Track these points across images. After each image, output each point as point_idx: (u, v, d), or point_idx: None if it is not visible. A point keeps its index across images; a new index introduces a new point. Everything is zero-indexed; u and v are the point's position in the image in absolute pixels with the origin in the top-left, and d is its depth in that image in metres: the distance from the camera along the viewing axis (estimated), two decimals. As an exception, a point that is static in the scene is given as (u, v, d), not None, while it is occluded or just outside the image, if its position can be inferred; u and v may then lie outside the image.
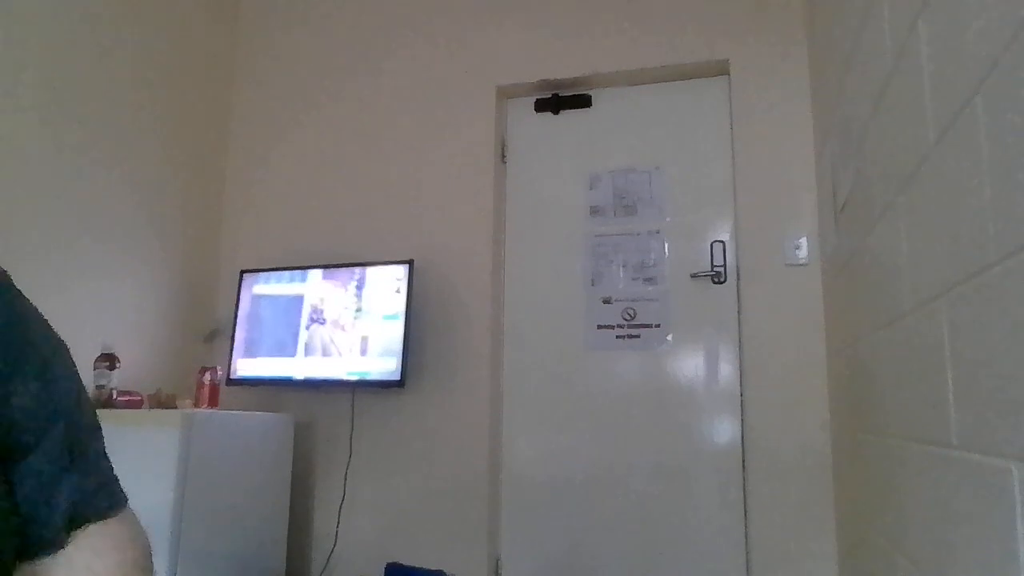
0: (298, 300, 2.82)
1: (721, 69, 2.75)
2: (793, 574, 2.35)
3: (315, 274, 2.83)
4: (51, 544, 0.59)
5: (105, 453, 0.66)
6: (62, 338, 0.66)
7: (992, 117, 0.87)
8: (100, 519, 0.62)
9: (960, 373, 1.01)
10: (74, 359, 0.67)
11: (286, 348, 2.78)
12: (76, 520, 0.60)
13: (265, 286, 2.89)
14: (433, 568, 2.52)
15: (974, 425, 0.96)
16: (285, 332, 2.80)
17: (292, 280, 2.86)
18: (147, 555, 0.65)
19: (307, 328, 2.77)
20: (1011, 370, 0.83)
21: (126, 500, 0.66)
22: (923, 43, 1.15)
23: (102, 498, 0.63)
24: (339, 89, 3.19)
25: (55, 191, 2.44)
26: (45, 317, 0.65)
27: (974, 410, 0.96)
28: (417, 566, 2.52)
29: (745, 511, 2.49)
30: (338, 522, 2.79)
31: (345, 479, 2.82)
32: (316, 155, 3.17)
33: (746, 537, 2.47)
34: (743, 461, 2.51)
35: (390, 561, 2.55)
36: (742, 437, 2.53)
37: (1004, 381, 0.85)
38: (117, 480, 0.66)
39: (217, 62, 3.28)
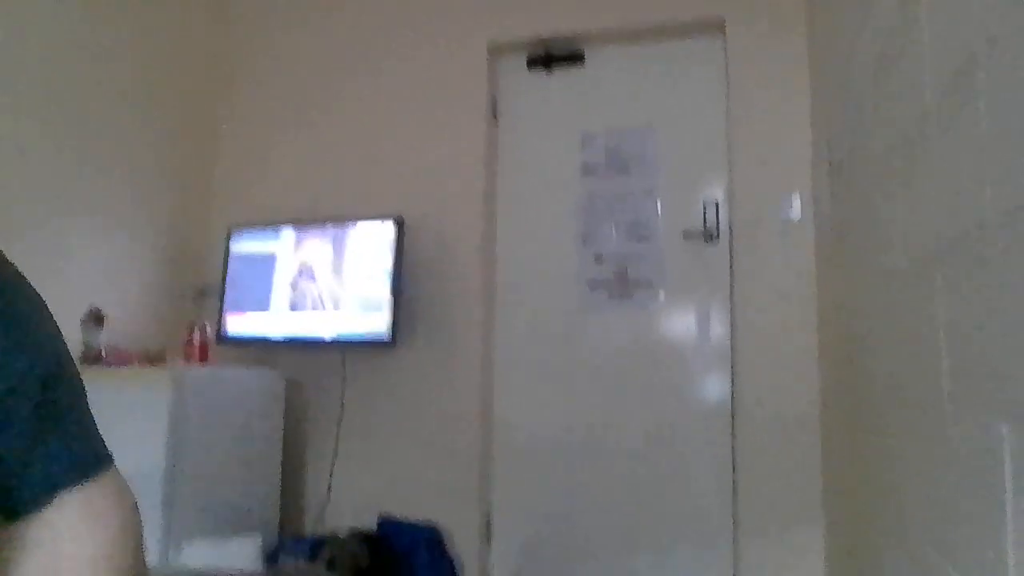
0: (288, 257, 2.80)
1: (717, 26, 2.70)
2: (780, 532, 2.40)
3: (305, 231, 2.81)
4: (32, 505, 0.58)
5: (89, 413, 0.65)
6: (46, 295, 0.64)
7: (994, 77, 0.86)
8: (84, 480, 0.60)
9: (953, 334, 1.02)
10: (61, 317, 0.65)
11: (276, 306, 2.77)
12: (58, 482, 0.59)
13: (255, 243, 2.86)
14: (425, 522, 2.55)
15: (965, 385, 0.97)
16: (275, 290, 2.78)
17: (282, 237, 2.83)
18: (135, 516, 0.64)
19: (298, 286, 2.76)
20: (1004, 332, 0.83)
21: (111, 460, 0.65)
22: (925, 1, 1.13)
23: (85, 459, 0.62)
24: (328, 46, 3.12)
25: (42, 150, 2.39)
26: (22, 273, 0.63)
27: (966, 370, 0.96)
28: (409, 519, 2.55)
29: (733, 469, 2.52)
30: (331, 478, 2.82)
31: (337, 436, 2.83)
32: (306, 112, 3.12)
33: (734, 495, 2.51)
34: (732, 420, 2.54)
35: (382, 514, 2.58)
36: (732, 396, 2.56)
37: (997, 342, 0.85)
38: (102, 440, 0.65)
39: (206, 18, 3.20)
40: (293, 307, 2.75)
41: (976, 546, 0.92)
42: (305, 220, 2.85)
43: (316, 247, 2.77)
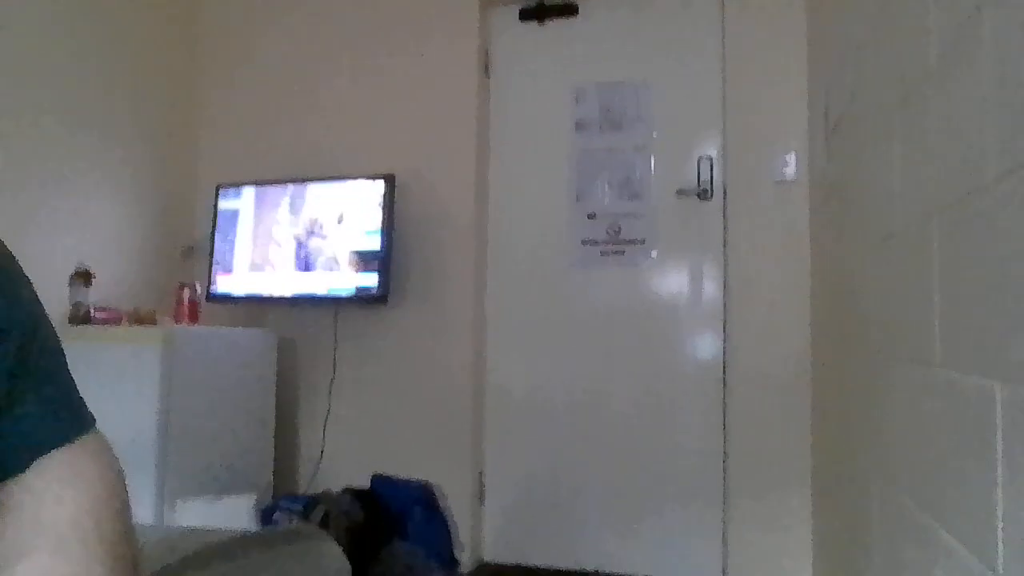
0: (278, 215, 2.76)
1: (714, -24, 2.63)
2: (769, 491, 2.42)
3: (295, 189, 2.77)
4: (11, 468, 0.56)
5: (69, 375, 0.63)
6: (33, 255, 0.62)
7: (998, 34, 0.83)
8: (65, 443, 0.59)
9: (947, 293, 1.01)
10: (48, 276, 0.63)
11: (266, 264, 2.75)
12: (38, 445, 0.57)
13: (243, 201, 2.82)
14: (418, 480, 2.57)
15: (958, 345, 0.96)
16: (265, 247, 2.76)
17: (271, 194, 2.79)
18: (120, 481, 0.62)
19: (288, 243, 2.73)
20: (999, 291, 0.82)
21: (93, 422, 0.63)
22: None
23: (65, 421, 0.60)
24: (316, 0, 3.04)
25: (25, 108, 2.34)
26: None
27: (959, 329, 0.95)
28: (403, 477, 2.56)
29: (724, 427, 2.54)
30: (324, 436, 2.83)
31: (330, 394, 2.84)
32: (293, 67, 3.05)
33: (724, 453, 2.53)
34: (724, 378, 2.55)
35: (376, 472, 2.60)
36: (724, 354, 2.56)
37: (991, 301, 0.84)
38: (83, 403, 0.63)
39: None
40: (283, 265, 2.72)
41: (966, 506, 0.92)
42: (295, 177, 2.81)
43: (307, 204, 2.73)
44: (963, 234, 0.95)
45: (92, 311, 2.36)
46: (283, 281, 2.72)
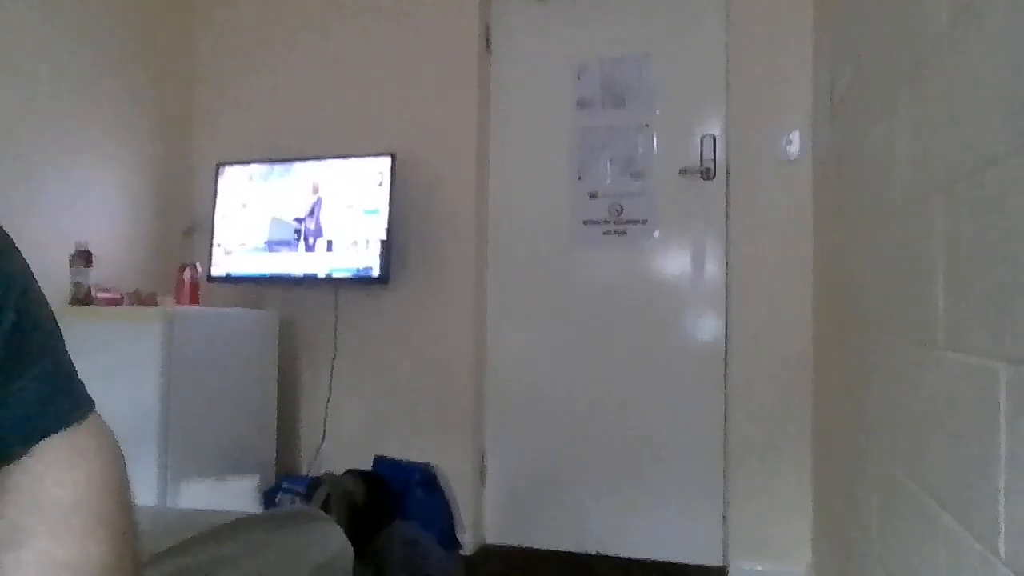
0: (279, 194, 2.75)
1: (718, -49, 2.60)
2: (769, 469, 2.43)
3: (295, 167, 2.75)
4: (11, 451, 0.56)
5: (67, 357, 0.63)
6: (33, 235, 0.61)
7: (1010, 8, 0.81)
8: (64, 426, 0.59)
9: (951, 273, 1.00)
10: (48, 256, 0.62)
11: (267, 244, 2.74)
12: (37, 427, 0.57)
13: (244, 180, 2.81)
14: (419, 462, 2.58)
15: (962, 325, 0.95)
16: (265, 227, 2.74)
17: (271, 173, 2.78)
18: (120, 463, 0.62)
19: (288, 223, 2.72)
20: (1004, 271, 0.81)
21: (92, 405, 0.63)
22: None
23: (61, 404, 0.60)
24: (313, -30, 3.00)
25: (25, 88, 2.32)
26: None
27: (963, 310, 0.95)
28: (404, 459, 2.57)
29: (725, 408, 2.54)
30: (325, 417, 2.84)
31: (331, 375, 2.84)
32: (292, 45, 3.02)
33: (725, 433, 2.54)
34: (726, 358, 2.55)
35: (377, 454, 2.60)
36: (725, 335, 2.55)
37: (996, 282, 0.83)
38: (81, 384, 0.63)
39: (181, -61, 3.07)
40: (285, 245, 2.71)
41: (968, 488, 0.92)
42: (296, 156, 2.79)
43: (308, 183, 2.72)
44: (968, 213, 0.94)
45: (93, 292, 2.36)
46: (284, 262, 2.71)
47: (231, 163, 2.84)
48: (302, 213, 2.71)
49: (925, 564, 1.10)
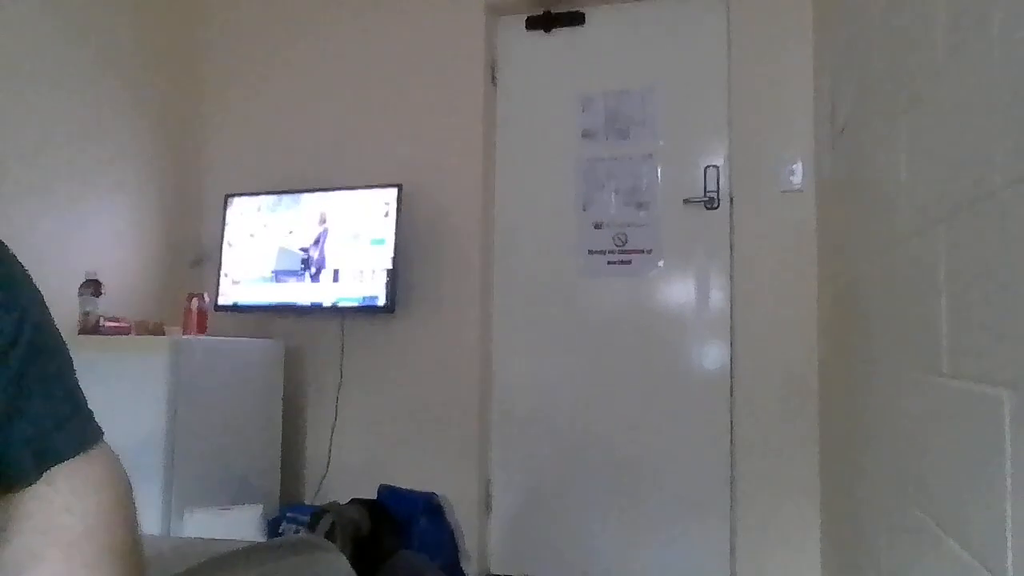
0: (286, 224, 2.78)
1: (719, -15, 2.64)
2: (777, 499, 2.41)
3: (303, 198, 2.78)
4: (24, 477, 0.57)
5: (78, 386, 0.64)
6: (44, 264, 0.63)
7: (1008, 34, 0.83)
8: (73, 455, 0.60)
9: (955, 300, 1.00)
10: (59, 286, 0.64)
11: (274, 274, 2.75)
12: (50, 455, 0.58)
13: (251, 210, 2.84)
14: (424, 491, 2.56)
15: (966, 352, 0.95)
16: (272, 257, 2.77)
17: (279, 204, 2.81)
18: (128, 493, 0.63)
19: (295, 253, 2.74)
20: (1007, 298, 0.81)
21: (101, 434, 0.64)
22: (934, -45, 1.09)
23: (72, 432, 0.61)
24: (323, 11, 3.06)
25: (37, 119, 2.36)
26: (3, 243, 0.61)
27: (966, 337, 0.95)
28: (409, 488, 2.56)
29: (731, 437, 2.52)
30: (330, 446, 2.83)
31: (336, 403, 2.84)
32: (300, 77, 3.07)
33: (731, 463, 2.52)
34: (731, 387, 2.54)
35: (382, 483, 2.59)
36: (731, 363, 2.55)
37: (999, 309, 0.84)
38: (91, 414, 0.64)
39: (193, -24, 3.14)
40: (292, 274, 2.73)
41: (975, 516, 0.91)
42: (302, 187, 2.82)
43: (315, 213, 2.74)
44: (970, 240, 0.94)
45: (102, 321, 2.37)
46: (290, 291, 2.72)
47: (239, 194, 2.87)
48: (309, 243, 2.73)
49: (934, 594, 1.08)
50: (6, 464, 0.57)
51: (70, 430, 0.60)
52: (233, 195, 2.88)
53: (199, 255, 3.05)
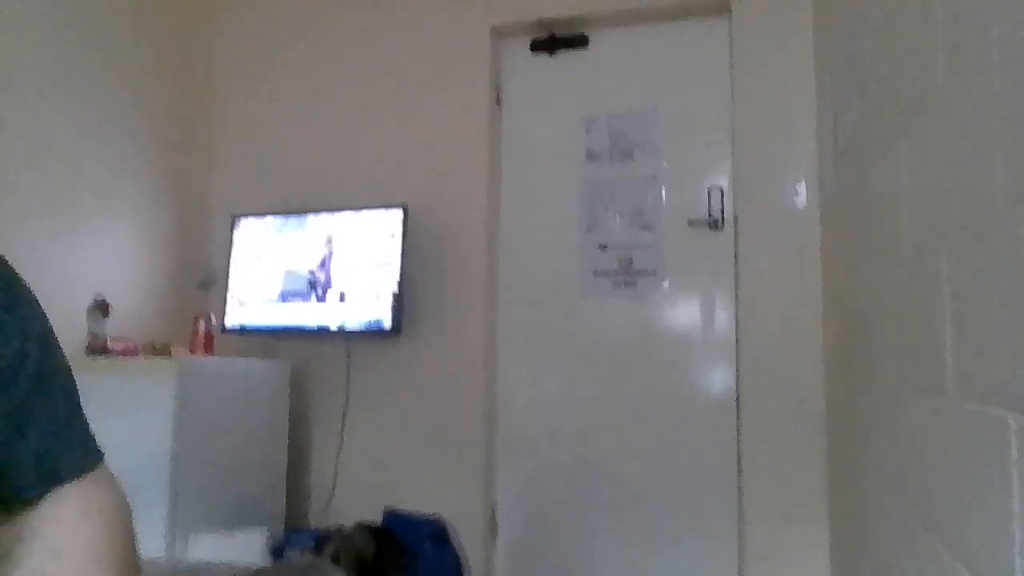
0: (293, 246, 2.79)
1: (722, 8, 2.66)
2: (785, 523, 2.38)
3: (309, 219, 2.80)
4: (29, 498, 0.58)
5: (80, 408, 0.65)
6: (51, 286, 0.64)
7: (1007, 53, 0.84)
8: (77, 476, 0.61)
9: (959, 321, 1.00)
10: (66, 307, 0.65)
11: (281, 295, 2.77)
12: (56, 476, 0.59)
13: (258, 232, 2.86)
14: (430, 514, 2.55)
15: (971, 374, 0.95)
16: (279, 279, 2.78)
17: (286, 225, 2.82)
18: (128, 514, 0.64)
19: (301, 275, 2.75)
20: (1011, 319, 0.81)
21: (102, 456, 0.65)
22: (933, -21, 1.10)
23: (77, 453, 0.62)
24: (329, 31, 3.10)
25: (45, 140, 2.39)
26: (8, 262, 0.62)
27: (972, 359, 0.95)
28: (414, 512, 2.55)
29: (739, 459, 2.51)
30: (336, 468, 2.82)
31: (342, 426, 2.83)
32: (307, 98, 3.10)
33: (739, 486, 2.50)
34: (737, 408, 2.53)
35: (387, 507, 2.58)
36: (737, 384, 2.54)
37: (1004, 330, 0.83)
38: (93, 435, 0.65)
39: (200, 5, 3.18)
40: (298, 296, 2.74)
41: (983, 538, 0.90)
42: (309, 208, 2.84)
43: (321, 235, 2.76)
44: (973, 259, 0.94)
45: (109, 342, 2.38)
46: (297, 313, 2.73)
47: (246, 215, 2.89)
48: (315, 265, 2.74)
49: (944, 619, 1.07)
50: (11, 485, 0.57)
51: (75, 452, 0.61)
52: (241, 216, 2.90)
53: (207, 276, 3.06)
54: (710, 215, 2.62)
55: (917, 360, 1.22)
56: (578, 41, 2.87)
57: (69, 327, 2.33)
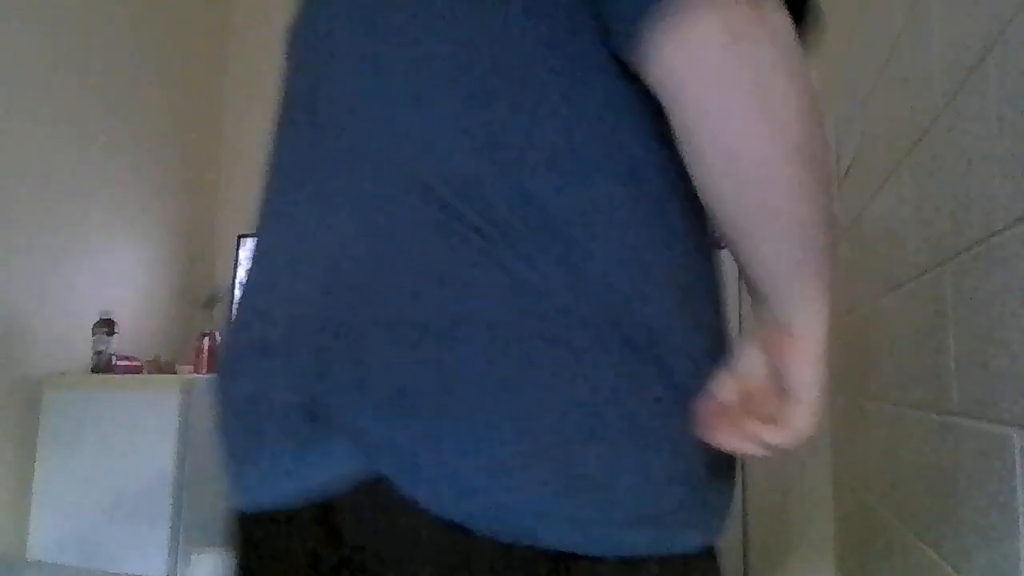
0: (296, 266, 2.80)
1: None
2: (790, 539, 2.37)
3: (313, 240, 2.80)
4: (628, 29, 0.50)
5: None
6: (58, 303, 0.64)
7: (1004, 78, 0.85)
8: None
9: (962, 339, 1.00)
10: (72, 325, 0.65)
11: (285, 314, 2.77)
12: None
13: (263, 252, 2.87)
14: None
15: (975, 391, 0.95)
16: (284, 298, 2.78)
17: (290, 246, 2.83)
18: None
19: (306, 294, 2.75)
20: (1015, 337, 0.82)
21: None
22: (934, 1, 1.12)
23: None
24: (336, 51, 3.13)
25: (51, 158, 2.41)
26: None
27: (976, 377, 0.95)
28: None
29: (743, 479, 2.49)
30: (339, 487, 2.80)
31: (345, 444, 2.82)
32: (313, 119, 3.12)
33: (744, 504, 2.48)
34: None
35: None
36: (741, 403, 2.53)
37: (1007, 348, 0.84)
38: None
39: (210, 23, 3.22)
40: (302, 316, 2.74)
41: (988, 558, 0.90)
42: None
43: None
44: (976, 279, 0.95)
45: (114, 360, 2.39)
46: (301, 331, 2.73)
47: (252, 234, 2.90)
48: (320, 283, 2.74)
49: (950, 640, 1.07)
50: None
51: None
52: (246, 235, 2.91)
53: (212, 295, 3.07)
54: (713, 233, 2.62)
55: (921, 378, 1.22)
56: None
57: (75, 345, 2.34)
